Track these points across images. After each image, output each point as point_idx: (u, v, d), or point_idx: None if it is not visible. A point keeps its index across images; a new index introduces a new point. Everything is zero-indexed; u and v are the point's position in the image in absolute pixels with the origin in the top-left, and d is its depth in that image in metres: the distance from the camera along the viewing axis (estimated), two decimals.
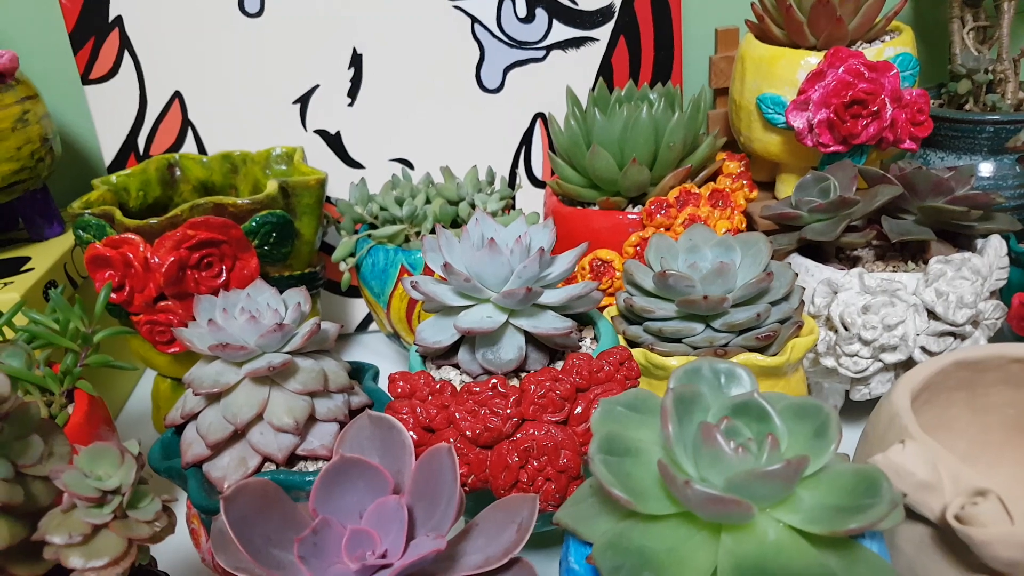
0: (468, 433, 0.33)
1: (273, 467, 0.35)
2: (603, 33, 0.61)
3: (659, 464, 0.23)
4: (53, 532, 0.23)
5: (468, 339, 0.37)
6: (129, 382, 0.60)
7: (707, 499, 0.22)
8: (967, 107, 0.58)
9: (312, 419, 0.35)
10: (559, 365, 0.37)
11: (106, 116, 0.60)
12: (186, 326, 0.37)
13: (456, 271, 0.36)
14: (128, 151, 0.61)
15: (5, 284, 0.50)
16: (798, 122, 0.52)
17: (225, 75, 0.60)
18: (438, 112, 0.62)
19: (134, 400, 0.59)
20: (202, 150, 0.61)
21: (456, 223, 0.54)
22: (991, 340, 0.45)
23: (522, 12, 0.60)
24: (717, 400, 0.27)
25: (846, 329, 0.44)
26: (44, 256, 0.54)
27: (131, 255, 0.45)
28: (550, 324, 0.36)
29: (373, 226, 0.55)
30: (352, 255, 0.54)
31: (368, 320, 0.65)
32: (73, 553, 0.23)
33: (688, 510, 0.24)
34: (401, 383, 0.35)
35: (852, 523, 0.22)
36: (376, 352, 0.63)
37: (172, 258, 0.44)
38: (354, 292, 0.63)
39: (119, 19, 0.58)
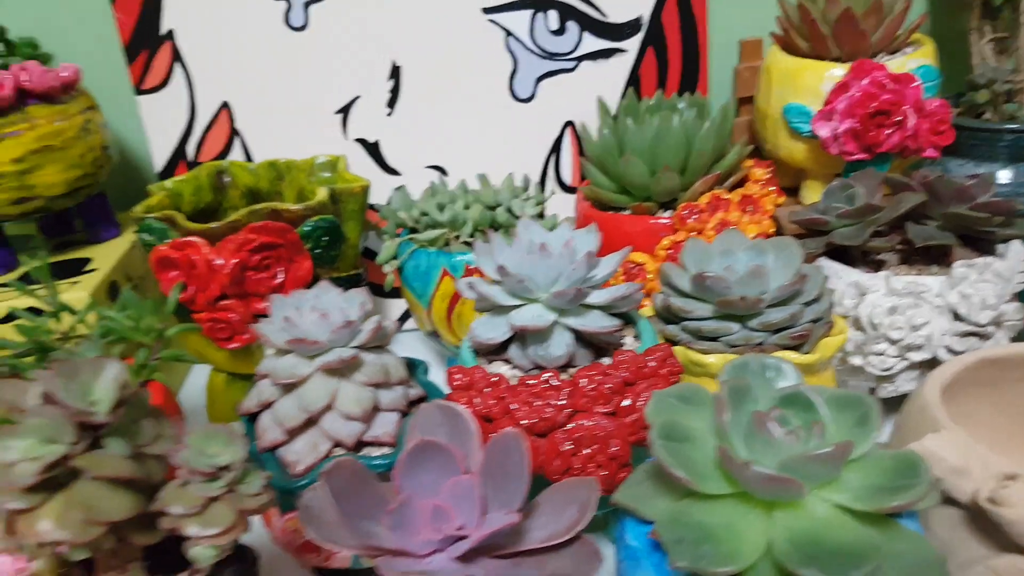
0: (524, 422, 0.35)
1: (341, 452, 0.37)
2: (632, 45, 0.64)
3: (719, 448, 0.26)
4: (172, 503, 0.26)
5: (519, 336, 0.39)
6: (180, 377, 0.63)
7: (765, 479, 0.25)
8: (985, 116, 0.61)
9: (376, 409, 0.38)
10: (604, 361, 0.39)
11: (158, 125, 0.63)
12: (248, 323, 0.39)
13: (510, 273, 0.38)
14: (178, 158, 0.64)
15: (73, 283, 0.53)
16: (824, 131, 0.54)
17: (271, 86, 0.62)
18: (472, 121, 0.64)
19: (183, 394, 0.62)
20: (248, 158, 0.64)
21: (493, 227, 0.57)
22: (1012, 341, 0.48)
23: (554, 25, 0.63)
24: (765, 392, 0.29)
25: (874, 329, 0.46)
26: (104, 257, 0.57)
27: (195, 257, 0.47)
28: (597, 323, 0.39)
29: (414, 230, 0.57)
30: (395, 258, 0.57)
31: (402, 320, 0.68)
32: (190, 522, 0.26)
33: (743, 490, 0.26)
34: (459, 376, 0.37)
35: (895, 501, 0.25)
36: (412, 349, 0.65)
37: (235, 260, 0.47)
38: (391, 293, 0.66)
39: (171, 33, 0.61)
